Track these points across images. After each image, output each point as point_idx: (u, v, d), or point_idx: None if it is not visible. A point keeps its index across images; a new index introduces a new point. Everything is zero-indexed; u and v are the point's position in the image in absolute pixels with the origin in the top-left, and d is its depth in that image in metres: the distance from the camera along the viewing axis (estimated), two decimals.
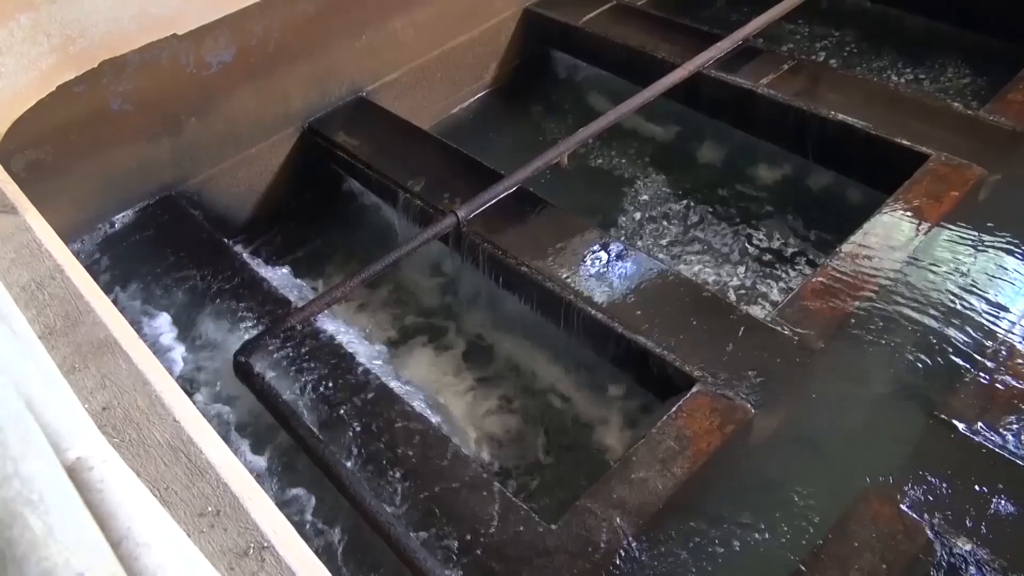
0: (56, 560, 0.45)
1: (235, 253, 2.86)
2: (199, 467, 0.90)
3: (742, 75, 3.13)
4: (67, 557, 0.45)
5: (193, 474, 0.90)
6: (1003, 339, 2.10)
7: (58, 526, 0.46)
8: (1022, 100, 2.80)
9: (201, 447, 0.93)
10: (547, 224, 2.66)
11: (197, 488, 0.88)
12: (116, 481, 0.56)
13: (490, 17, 3.64)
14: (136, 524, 0.53)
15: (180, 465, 0.90)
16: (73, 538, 0.46)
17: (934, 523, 1.76)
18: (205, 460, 0.91)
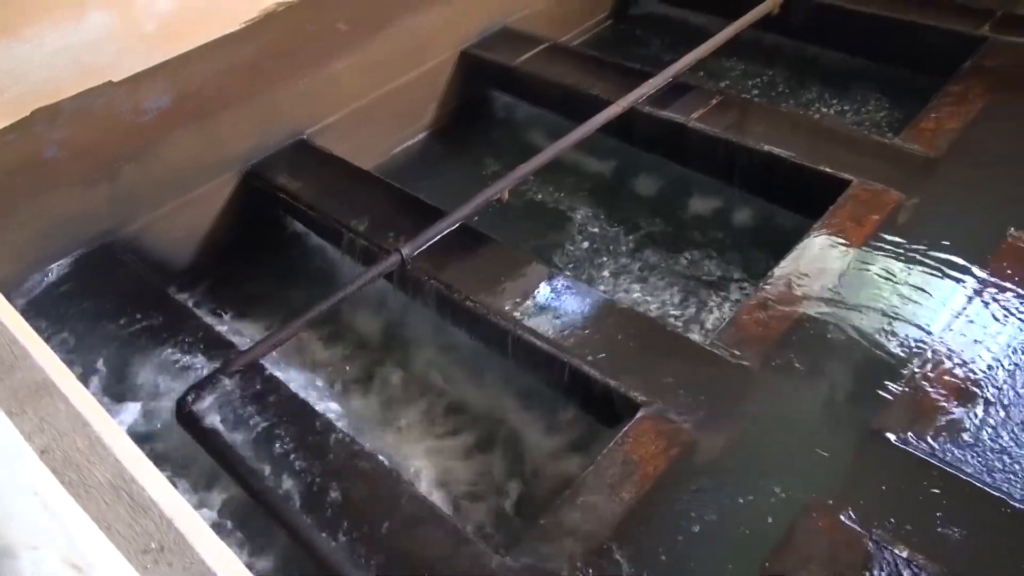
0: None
1: (176, 299, 2.82)
2: (142, 505, 0.89)
3: (673, 110, 3.25)
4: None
5: (136, 512, 0.89)
6: (926, 352, 2.20)
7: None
8: (933, 128, 2.97)
9: (143, 485, 0.92)
10: (491, 259, 2.70)
11: (140, 525, 0.87)
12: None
13: (428, 60, 3.71)
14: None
15: (122, 504, 0.89)
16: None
17: (874, 532, 1.82)
18: (147, 497, 0.90)
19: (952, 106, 3.06)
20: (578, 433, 2.48)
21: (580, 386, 2.31)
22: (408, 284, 2.70)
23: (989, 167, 2.79)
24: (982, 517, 1.83)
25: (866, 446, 2.02)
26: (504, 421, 2.61)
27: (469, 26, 3.86)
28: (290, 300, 3.05)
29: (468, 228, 2.81)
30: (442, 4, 3.65)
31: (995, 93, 3.11)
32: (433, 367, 2.81)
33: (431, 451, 2.55)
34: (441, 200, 2.94)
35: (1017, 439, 1.98)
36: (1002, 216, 2.57)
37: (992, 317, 2.29)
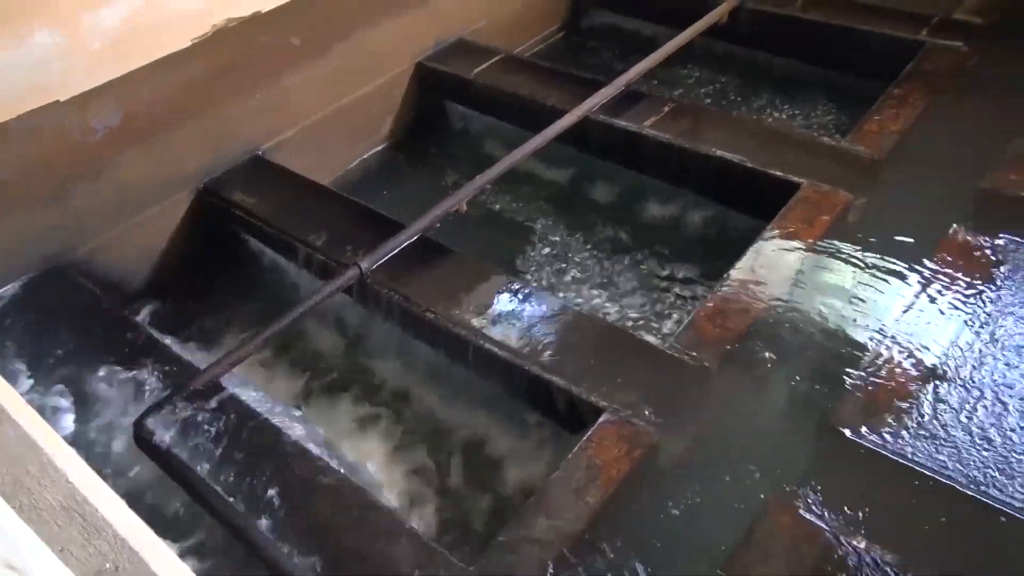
0: None
1: (131, 320, 2.77)
2: (95, 525, 0.88)
3: (627, 118, 3.30)
4: None
5: (89, 533, 0.88)
6: (879, 347, 2.26)
7: None
8: (876, 131, 3.06)
9: (96, 505, 0.90)
10: (451, 270, 2.71)
11: (94, 546, 0.86)
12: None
13: (383, 72, 3.72)
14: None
15: (75, 525, 0.88)
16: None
17: (831, 525, 1.86)
18: (101, 518, 0.89)
19: (894, 109, 3.16)
20: (543, 440, 2.50)
21: (542, 393, 2.32)
22: (368, 298, 2.69)
23: (930, 166, 2.88)
24: (934, 505, 1.89)
25: (823, 441, 2.07)
26: (468, 431, 2.61)
27: (424, 39, 3.88)
28: (248, 318, 3.02)
29: (427, 240, 2.81)
30: (397, 17, 3.67)
31: (934, 95, 3.22)
32: (395, 380, 2.80)
33: (396, 463, 2.54)
34: (400, 213, 2.94)
35: (966, 429, 2.05)
36: (944, 213, 2.66)
37: (939, 311, 2.36)
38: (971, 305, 2.37)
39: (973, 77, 3.33)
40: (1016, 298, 2.38)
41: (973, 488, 1.91)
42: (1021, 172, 2.78)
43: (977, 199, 2.73)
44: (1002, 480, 1.93)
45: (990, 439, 2.02)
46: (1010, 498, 1.88)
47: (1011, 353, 2.23)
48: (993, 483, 1.92)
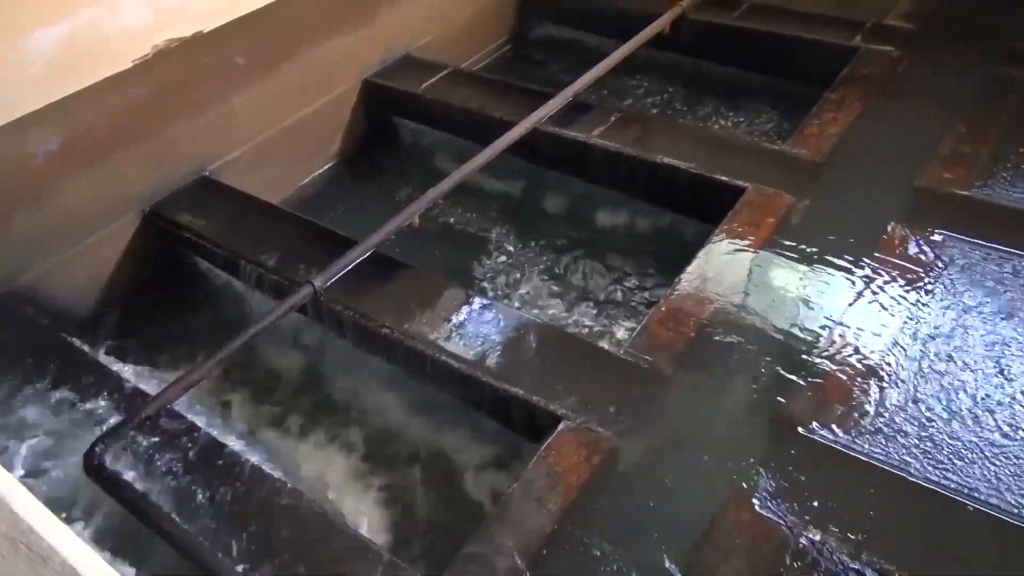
0: None
1: (80, 348, 2.71)
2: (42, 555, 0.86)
3: (575, 128, 3.34)
4: None
5: (35, 563, 0.85)
6: (826, 344, 2.32)
7: None
8: (816, 134, 3.15)
9: (42, 534, 0.88)
10: (406, 285, 2.70)
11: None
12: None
13: (330, 90, 3.71)
14: None
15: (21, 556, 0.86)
16: None
17: (788, 520, 1.90)
18: (47, 546, 0.87)
19: (832, 112, 3.26)
20: (504, 451, 2.50)
21: (501, 404, 2.33)
22: (323, 315, 2.67)
23: (868, 167, 2.98)
24: (885, 494, 1.94)
25: (777, 438, 2.11)
26: (429, 445, 2.61)
27: (370, 55, 3.88)
28: (201, 341, 2.97)
29: (381, 256, 2.80)
30: (342, 35, 3.66)
31: (869, 98, 3.33)
32: (353, 397, 2.78)
33: (356, 481, 2.52)
34: (352, 229, 2.93)
35: (912, 419, 2.11)
36: (882, 211, 2.75)
37: (882, 307, 2.44)
38: (912, 299, 2.45)
39: (905, 80, 3.46)
40: (953, 291, 2.47)
41: (921, 477, 1.97)
42: (953, 170, 2.89)
43: (913, 197, 2.83)
44: (949, 467, 1.99)
45: (936, 428, 2.08)
46: (957, 484, 1.95)
47: (951, 344, 2.31)
48: (940, 471, 1.98)
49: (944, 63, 3.50)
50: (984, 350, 2.28)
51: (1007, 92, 3.26)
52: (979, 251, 2.60)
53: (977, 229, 2.66)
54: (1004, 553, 1.83)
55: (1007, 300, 2.43)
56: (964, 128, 3.09)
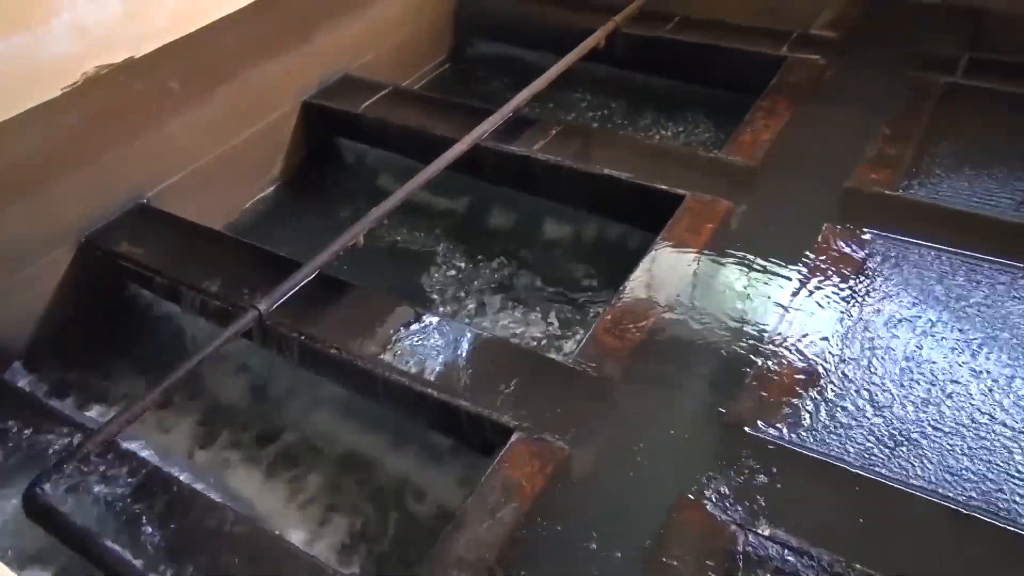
0: None
1: (16, 386, 2.63)
2: None
3: (517, 143, 3.38)
4: None
5: None
6: (767, 344, 2.39)
7: None
8: (750, 141, 3.25)
9: None
10: (353, 305, 2.69)
11: None
12: None
13: (268, 113, 3.68)
14: None
15: None
16: None
17: (737, 517, 1.94)
18: None
19: (763, 120, 3.36)
20: (459, 466, 2.50)
21: (453, 420, 2.33)
22: (269, 339, 2.64)
23: (800, 170, 3.08)
24: (828, 487, 2.00)
25: (724, 438, 2.15)
26: (383, 465, 2.59)
27: (309, 76, 3.87)
28: (144, 371, 2.91)
29: (327, 277, 2.79)
30: (279, 56, 3.65)
31: (798, 105, 3.44)
32: (304, 421, 2.75)
33: (310, 506, 2.49)
34: (297, 252, 2.91)
35: (852, 413, 2.18)
36: (816, 213, 2.85)
37: (819, 305, 2.52)
38: (847, 296, 2.54)
39: (831, 86, 3.59)
40: (885, 286, 2.56)
41: (865, 469, 2.03)
42: (880, 171, 3.01)
43: (843, 198, 2.93)
44: (889, 457, 2.06)
45: (876, 420, 2.16)
46: (898, 473, 2.02)
47: (887, 338, 2.39)
48: (883, 462, 2.05)
49: (867, 70, 3.65)
50: (916, 342, 2.37)
51: (925, 96, 3.42)
52: (906, 247, 2.71)
53: (904, 227, 2.77)
54: (950, 540, 1.89)
55: (935, 293, 2.53)
56: (888, 131, 3.22)
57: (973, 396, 2.21)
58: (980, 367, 2.28)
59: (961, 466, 2.03)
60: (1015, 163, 3.05)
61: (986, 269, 2.60)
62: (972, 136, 3.22)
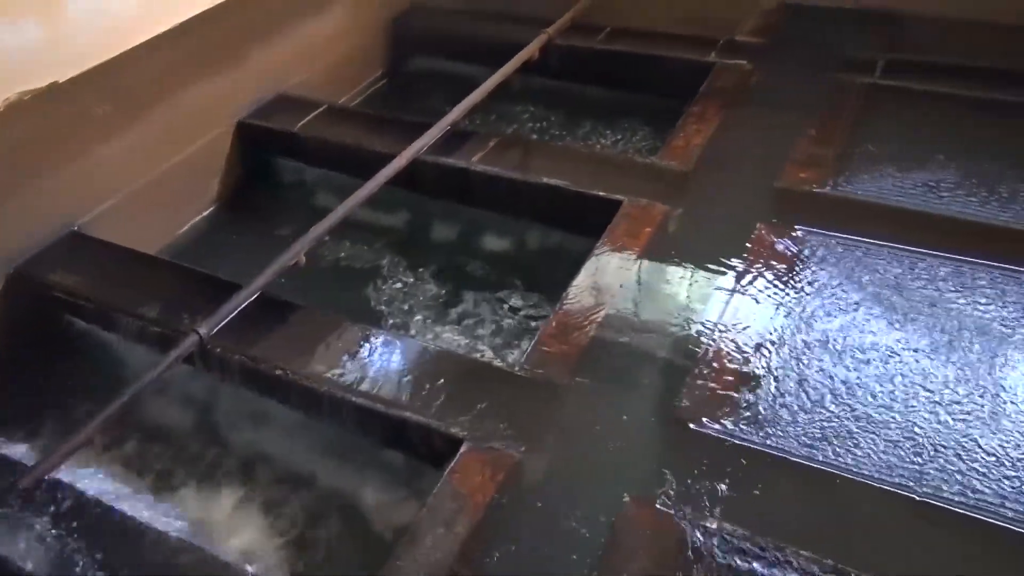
0: None
1: None
2: None
3: (456, 156, 3.41)
4: None
5: None
6: (709, 342, 2.45)
7: None
8: (683, 145, 3.33)
9: None
10: (297, 324, 2.67)
11: None
12: None
13: (202, 134, 3.63)
14: None
15: None
16: None
17: (686, 512, 1.98)
18: None
19: (695, 124, 3.45)
20: (410, 480, 2.49)
21: (402, 434, 2.33)
22: (212, 364, 2.60)
23: (732, 172, 3.17)
24: (772, 478, 2.05)
25: (670, 436, 2.20)
26: (335, 485, 2.56)
27: (243, 96, 3.83)
28: (81, 404, 2.82)
29: (269, 297, 2.75)
30: (211, 77, 3.60)
31: (728, 109, 3.55)
32: (252, 445, 2.71)
33: (262, 532, 2.45)
34: (238, 274, 2.86)
35: (791, 405, 2.24)
36: (749, 213, 2.93)
37: (756, 302, 2.59)
38: (782, 292, 2.62)
39: (758, 90, 3.71)
40: (818, 281, 2.65)
41: (807, 457, 2.09)
42: (807, 170, 3.12)
43: (774, 198, 3.03)
44: (831, 445, 2.12)
45: (816, 411, 2.22)
46: (839, 460, 2.08)
47: (822, 330, 2.47)
48: (824, 450, 2.11)
49: (791, 73, 3.78)
50: (851, 333, 2.46)
51: (847, 97, 3.56)
52: (837, 242, 2.80)
53: (833, 223, 2.87)
54: (893, 523, 1.95)
55: (866, 285, 2.63)
56: (814, 131, 3.34)
57: (909, 381, 2.29)
58: (913, 353, 2.37)
59: (902, 451, 2.10)
60: (934, 158, 3.19)
61: (914, 260, 2.71)
62: (892, 133, 3.36)
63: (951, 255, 2.70)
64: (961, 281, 2.61)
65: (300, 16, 4.08)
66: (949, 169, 3.13)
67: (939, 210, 2.93)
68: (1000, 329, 2.44)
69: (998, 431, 2.14)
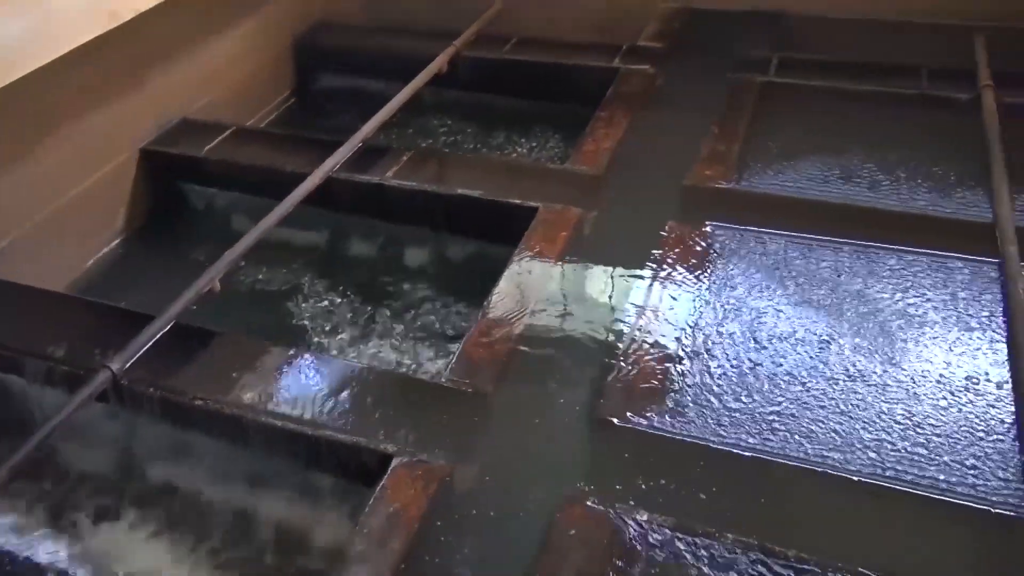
0: None
1: None
2: None
3: (370, 172, 3.40)
4: None
5: None
6: (629, 339, 2.50)
7: None
8: (594, 150, 3.41)
9: None
10: (216, 352, 2.60)
11: None
12: None
13: (104, 163, 3.51)
14: None
15: None
16: None
17: (616, 507, 2.01)
18: None
19: (604, 129, 3.54)
20: (342, 501, 2.46)
21: (331, 455, 2.30)
22: (126, 399, 2.50)
23: (642, 173, 3.27)
24: (696, 466, 2.11)
25: (597, 434, 2.24)
26: (265, 514, 2.51)
27: (145, 122, 3.73)
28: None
29: (184, 327, 2.67)
30: (110, 104, 3.49)
31: (634, 112, 3.66)
32: (175, 481, 2.62)
33: (189, 567, 2.37)
34: (151, 305, 2.77)
35: (712, 394, 2.31)
36: (660, 211, 3.02)
37: (671, 297, 2.67)
38: (696, 285, 2.71)
39: (662, 93, 3.84)
40: (728, 272, 2.75)
41: (728, 444, 2.16)
42: (713, 167, 3.24)
43: (683, 195, 3.13)
44: (751, 430, 2.20)
45: (737, 399, 2.30)
46: (761, 444, 2.15)
47: (737, 320, 2.57)
48: (744, 436, 2.18)
49: (692, 75, 3.93)
50: (764, 320, 2.56)
51: (745, 95, 3.71)
52: (744, 235, 2.92)
53: (740, 216, 2.99)
54: (816, 502, 2.03)
55: (775, 273, 2.74)
56: (717, 130, 3.47)
57: (824, 363, 2.39)
58: (825, 335, 2.49)
59: (822, 431, 2.18)
60: (828, 149, 3.37)
61: (814, 247, 2.85)
62: (789, 128, 3.53)
63: (848, 240, 2.85)
64: (860, 263, 2.76)
65: (200, 39, 4.00)
66: (842, 159, 3.31)
67: (835, 198, 3.09)
68: (905, 308, 2.57)
69: (915, 403, 2.25)
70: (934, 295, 2.62)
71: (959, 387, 2.30)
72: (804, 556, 1.86)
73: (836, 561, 1.85)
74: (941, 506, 1.98)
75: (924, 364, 2.38)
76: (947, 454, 2.11)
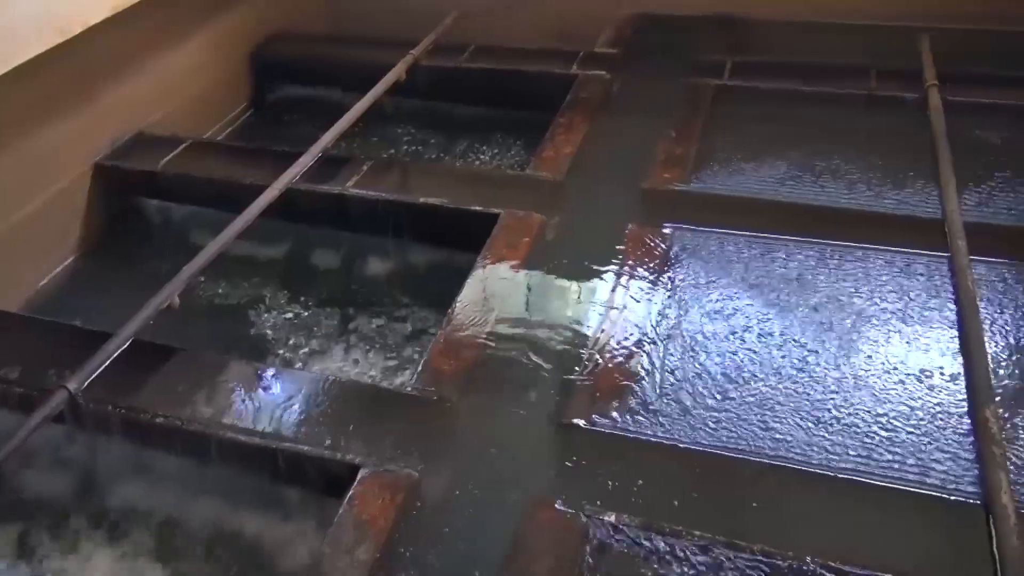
0: None
1: None
2: None
3: (331, 183, 3.37)
4: None
5: None
6: (593, 342, 2.52)
7: None
8: (554, 156, 3.43)
9: None
10: (178, 368, 2.56)
11: None
12: None
13: (55, 180, 3.44)
14: None
15: None
16: None
17: (585, 509, 2.02)
18: None
19: (564, 135, 3.57)
20: (310, 515, 2.44)
21: (298, 469, 2.27)
22: (86, 420, 2.45)
23: (602, 177, 3.30)
24: (663, 467, 2.13)
25: (564, 437, 2.25)
26: (228, 528, 2.47)
27: (98, 137, 3.66)
28: None
29: (143, 344, 2.63)
30: (60, 120, 3.42)
31: (592, 118, 3.69)
32: (140, 503, 2.57)
33: None
34: (109, 324, 2.71)
35: (675, 393, 2.34)
36: (620, 215, 3.05)
37: (633, 298, 2.69)
38: (659, 286, 2.74)
39: (619, 98, 3.88)
40: (689, 272, 2.79)
41: (695, 442, 2.18)
42: (671, 170, 3.28)
43: (643, 198, 3.17)
44: (716, 429, 2.23)
45: (699, 398, 2.33)
46: (726, 443, 2.19)
47: (699, 319, 2.60)
48: (709, 434, 2.21)
49: (648, 80, 3.98)
50: (726, 319, 2.60)
51: (700, 99, 3.77)
52: (703, 235, 2.96)
53: (699, 217, 3.04)
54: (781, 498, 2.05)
55: (736, 272, 2.78)
56: (674, 133, 3.52)
57: (786, 360, 2.43)
58: (787, 333, 2.53)
59: (786, 427, 2.22)
60: (781, 150, 3.43)
61: (776, 245, 2.90)
62: (744, 130, 3.59)
63: (805, 238, 2.91)
64: (817, 261, 2.82)
65: (155, 51, 3.94)
66: (796, 159, 3.38)
67: (791, 198, 3.15)
68: (862, 303, 2.63)
69: (880, 400, 2.29)
70: (889, 290, 2.68)
71: (914, 376, 2.36)
72: (770, 550, 1.89)
73: (804, 554, 1.88)
74: (904, 496, 2.03)
75: (882, 357, 2.43)
76: (906, 445, 2.16)
